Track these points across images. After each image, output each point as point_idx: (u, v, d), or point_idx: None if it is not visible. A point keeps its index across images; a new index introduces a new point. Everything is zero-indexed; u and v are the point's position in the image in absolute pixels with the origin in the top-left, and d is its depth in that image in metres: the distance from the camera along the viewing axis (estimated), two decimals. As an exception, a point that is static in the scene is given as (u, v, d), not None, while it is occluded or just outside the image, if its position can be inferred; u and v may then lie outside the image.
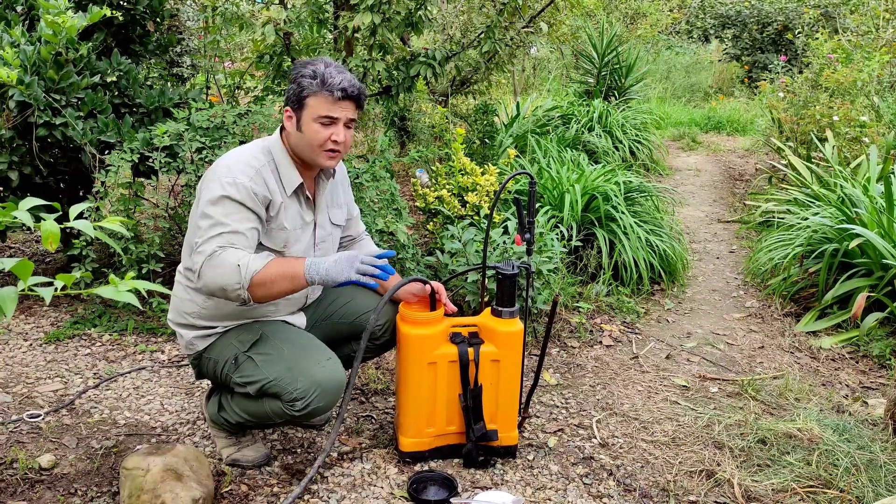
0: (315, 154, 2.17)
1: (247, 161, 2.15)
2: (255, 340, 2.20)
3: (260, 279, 2.00)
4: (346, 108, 2.14)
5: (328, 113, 2.12)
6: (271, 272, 2.01)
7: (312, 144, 2.15)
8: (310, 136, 2.14)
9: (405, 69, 3.93)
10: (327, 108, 2.12)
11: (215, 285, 2.01)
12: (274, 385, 2.11)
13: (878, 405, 2.92)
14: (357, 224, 2.61)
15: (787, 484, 2.39)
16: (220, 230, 2.04)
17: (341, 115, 2.14)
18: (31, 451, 2.42)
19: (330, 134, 2.14)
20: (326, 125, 2.14)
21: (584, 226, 4.24)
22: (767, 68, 11.52)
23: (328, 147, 2.15)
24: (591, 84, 8.29)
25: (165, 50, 4.42)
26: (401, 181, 5.38)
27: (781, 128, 6.56)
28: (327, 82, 2.10)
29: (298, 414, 2.10)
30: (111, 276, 1.30)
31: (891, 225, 3.79)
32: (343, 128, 2.16)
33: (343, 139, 2.16)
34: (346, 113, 2.15)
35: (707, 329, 3.80)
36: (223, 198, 2.06)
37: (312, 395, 2.08)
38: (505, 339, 2.35)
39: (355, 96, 2.14)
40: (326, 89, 2.10)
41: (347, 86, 2.11)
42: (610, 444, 2.65)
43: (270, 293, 2.05)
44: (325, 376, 2.10)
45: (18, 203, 1.34)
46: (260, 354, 2.17)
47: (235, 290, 2.00)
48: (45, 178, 3.50)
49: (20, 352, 3.16)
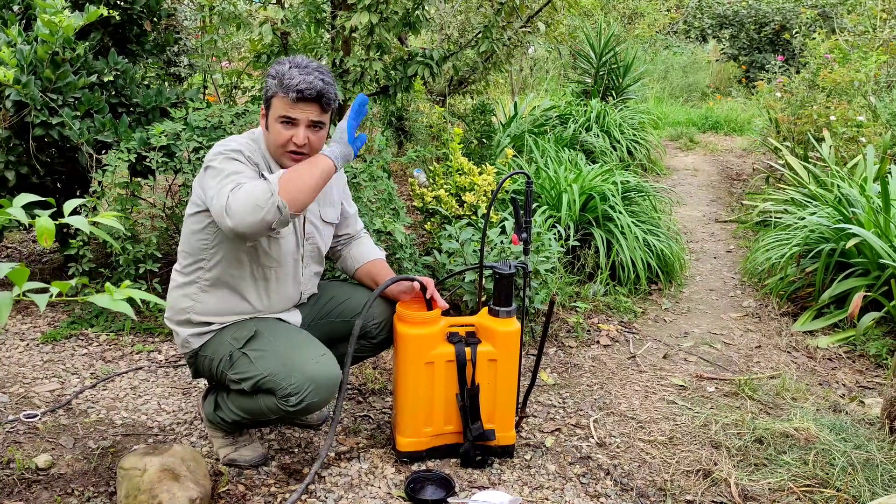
0: (279, 155, 2.17)
1: (238, 142, 2.16)
2: (249, 337, 2.20)
3: (288, 176, 1.98)
4: (305, 110, 2.09)
5: (286, 113, 2.10)
6: (298, 168, 2.03)
7: (276, 145, 2.15)
8: (273, 136, 2.15)
9: (403, 69, 3.93)
10: (286, 109, 2.10)
11: (247, 208, 1.92)
12: (268, 381, 2.11)
13: (875, 405, 2.92)
14: (355, 222, 2.61)
15: (783, 483, 2.39)
16: (233, 178, 2.02)
17: (300, 117, 2.10)
18: (27, 451, 2.42)
19: (290, 135, 2.12)
20: (287, 126, 2.12)
21: (582, 225, 4.24)
22: (765, 68, 11.54)
23: (290, 148, 2.13)
24: (588, 84, 8.29)
25: (163, 49, 4.41)
26: (398, 181, 5.38)
27: (778, 128, 6.57)
28: (284, 83, 2.07)
29: (293, 409, 2.10)
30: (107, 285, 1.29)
31: (887, 225, 3.80)
32: (304, 129, 2.11)
33: (303, 141, 2.11)
34: (307, 115, 2.10)
35: (704, 329, 3.80)
36: (226, 160, 2.07)
37: (307, 390, 2.09)
38: (502, 338, 2.35)
39: (313, 98, 2.08)
40: (283, 90, 2.08)
41: (304, 87, 2.05)
42: (607, 443, 2.65)
43: (303, 188, 1.98)
44: (319, 371, 2.11)
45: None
46: (254, 350, 2.17)
47: (268, 201, 1.91)
48: (41, 178, 3.50)
49: (17, 352, 3.16)
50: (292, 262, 2.32)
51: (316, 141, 2.15)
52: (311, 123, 2.12)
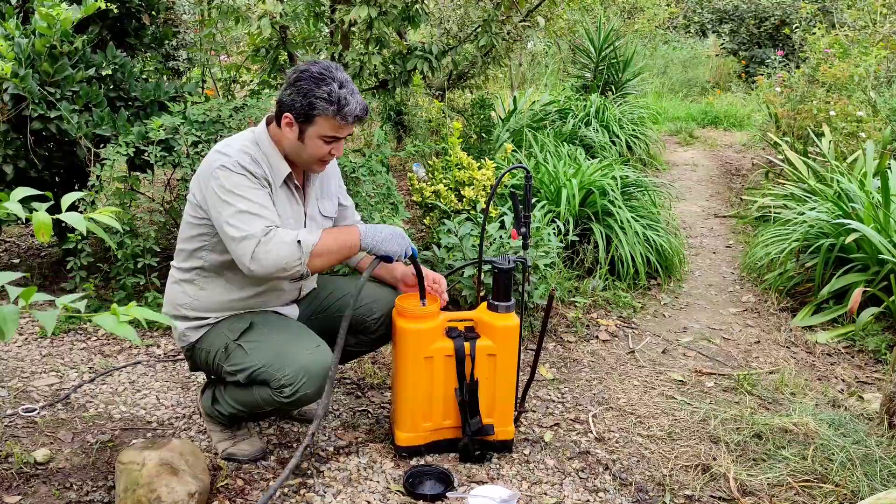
0: (311, 164, 2.23)
1: (239, 148, 2.16)
2: (244, 329, 2.21)
3: (318, 250, 2.06)
4: (352, 128, 2.19)
5: (336, 134, 2.16)
6: (328, 242, 2.09)
7: (313, 157, 2.19)
8: (311, 149, 2.17)
9: (402, 63, 3.92)
10: (337, 130, 2.15)
11: (274, 265, 2.03)
12: (262, 372, 2.11)
13: (874, 400, 2.92)
14: (352, 214, 2.61)
15: (782, 478, 2.40)
16: (255, 212, 2.06)
17: (345, 134, 2.18)
18: (26, 445, 2.42)
19: (330, 149, 2.18)
20: (329, 142, 2.17)
21: (581, 220, 4.24)
22: (765, 63, 11.52)
23: (327, 160, 2.22)
24: (588, 79, 8.28)
25: (161, 43, 4.40)
26: (397, 175, 5.37)
27: (778, 123, 6.56)
28: (343, 110, 2.11)
29: (287, 400, 2.11)
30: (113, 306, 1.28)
31: (887, 220, 3.80)
32: (342, 142, 2.21)
33: (342, 153, 2.24)
34: (350, 131, 2.21)
35: (703, 324, 3.80)
36: (238, 183, 2.09)
37: (300, 381, 2.09)
38: (501, 333, 2.35)
39: (363, 118, 2.17)
40: (341, 116, 2.11)
41: (360, 113, 2.14)
42: (606, 438, 2.65)
43: (327, 263, 2.11)
44: (312, 362, 2.11)
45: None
46: (249, 342, 2.18)
47: (295, 266, 2.04)
48: (40, 172, 3.49)
49: (15, 346, 3.15)
50: None
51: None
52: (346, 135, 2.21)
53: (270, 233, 2.04)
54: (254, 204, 2.07)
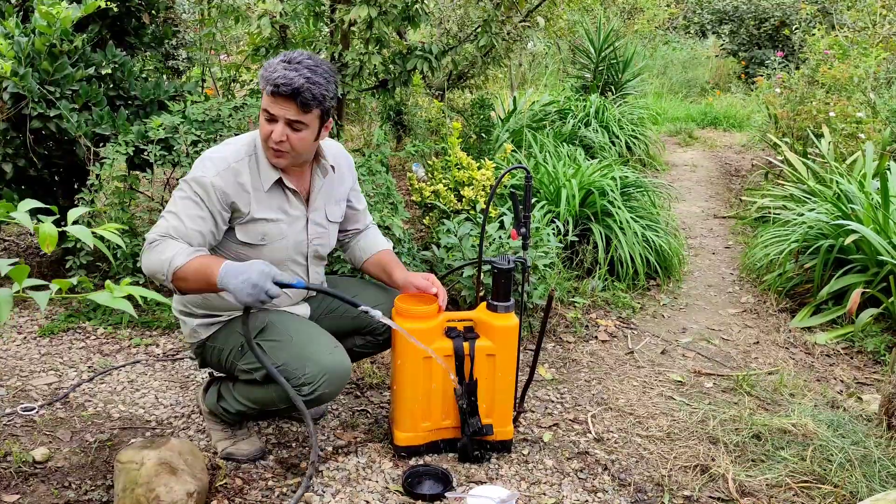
0: (265, 148, 2.16)
1: (224, 155, 2.16)
2: (261, 328, 2.20)
3: (180, 275, 2.01)
4: (283, 108, 2.05)
5: (267, 108, 2.09)
6: (189, 271, 2.01)
7: (262, 138, 2.15)
8: (260, 129, 2.15)
9: (402, 63, 3.92)
10: (267, 103, 2.09)
11: (149, 271, 2.07)
12: (282, 371, 2.10)
13: (873, 401, 2.92)
14: (364, 216, 2.59)
15: (781, 479, 2.40)
16: (171, 220, 2.09)
17: (278, 113, 2.06)
18: (25, 444, 2.42)
19: (270, 130, 2.10)
20: (268, 122, 2.11)
21: (581, 221, 4.23)
22: (764, 64, 11.53)
23: (270, 144, 2.12)
24: (587, 79, 8.28)
25: (161, 42, 4.39)
26: (397, 175, 5.37)
27: (778, 124, 6.56)
28: (266, 76, 2.05)
29: (305, 400, 2.10)
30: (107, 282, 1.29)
31: (886, 221, 3.80)
32: (282, 126, 2.07)
33: (280, 138, 2.07)
34: (285, 112, 2.05)
35: (702, 324, 3.80)
36: (188, 190, 2.11)
37: (321, 380, 2.09)
38: (500, 333, 2.35)
39: (287, 94, 2.02)
40: (262, 82, 2.07)
41: (281, 82, 2.00)
42: (605, 438, 2.65)
43: (191, 289, 2.06)
44: (333, 363, 2.12)
45: (12, 195, 1.34)
46: (267, 341, 2.17)
47: (161, 280, 2.05)
48: (39, 171, 3.48)
49: (14, 345, 3.15)
50: (295, 263, 2.32)
51: (296, 141, 2.11)
52: (289, 122, 2.08)
53: (158, 242, 2.05)
54: (171, 213, 2.10)
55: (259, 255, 2.20)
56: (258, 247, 2.21)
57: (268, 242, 2.22)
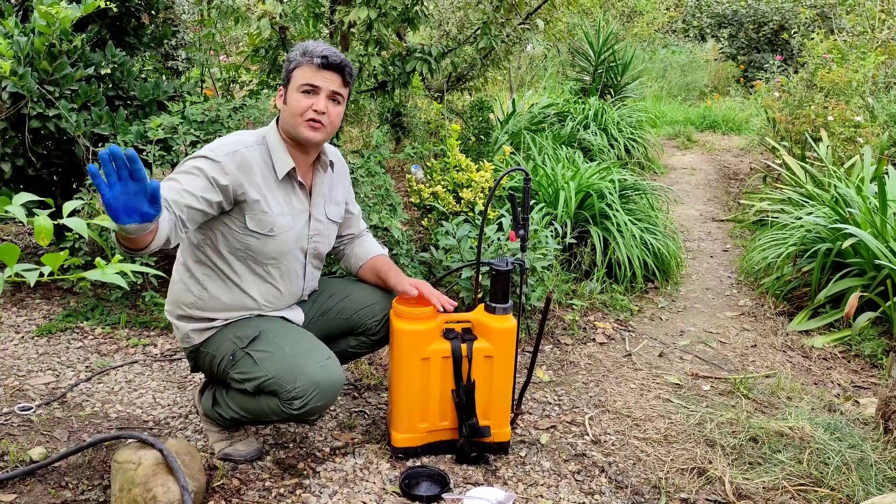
0: (297, 124, 2.16)
1: (232, 141, 2.17)
2: (253, 337, 2.19)
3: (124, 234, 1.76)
4: (328, 79, 2.14)
5: (310, 81, 2.13)
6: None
7: (294, 114, 2.15)
8: (292, 105, 2.15)
9: (401, 65, 3.92)
10: (309, 77, 2.13)
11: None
12: (272, 383, 2.10)
13: (870, 404, 2.93)
14: (358, 222, 2.60)
15: (778, 482, 2.40)
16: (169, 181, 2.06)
17: (323, 85, 2.14)
18: (22, 443, 2.41)
19: (311, 103, 2.14)
20: (308, 94, 2.14)
21: (579, 223, 4.24)
22: (763, 68, 11.55)
23: (308, 116, 2.14)
24: (587, 82, 8.29)
25: (160, 42, 4.40)
26: (396, 177, 5.37)
27: (776, 127, 6.57)
28: (308, 51, 2.13)
29: (296, 413, 2.10)
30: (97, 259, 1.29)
31: (884, 225, 3.81)
32: (325, 99, 2.15)
33: (323, 109, 2.14)
34: (330, 84, 2.14)
35: (700, 327, 3.81)
36: (196, 160, 2.10)
37: (311, 394, 2.08)
38: (498, 335, 2.35)
39: (337, 65, 2.13)
40: (307, 57, 2.13)
41: (329, 54, 2.12)
42: (602, 441, 2.65)
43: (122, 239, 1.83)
44: (324, 376, 2.10)
45: (11, 195, 1.34)
46: (258, 351, 2.16)
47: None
48: (38, 171, 3.48)
49: (12, 344, 3.15)
50: (295, 259, 2.32)
51: (335, 114, 2.18)
52: (331, 94, 2.15)
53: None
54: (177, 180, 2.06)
55: (266, 246, 2.21)
56: (267, 237, 2.21)
57: (276, 234, 2.22)
